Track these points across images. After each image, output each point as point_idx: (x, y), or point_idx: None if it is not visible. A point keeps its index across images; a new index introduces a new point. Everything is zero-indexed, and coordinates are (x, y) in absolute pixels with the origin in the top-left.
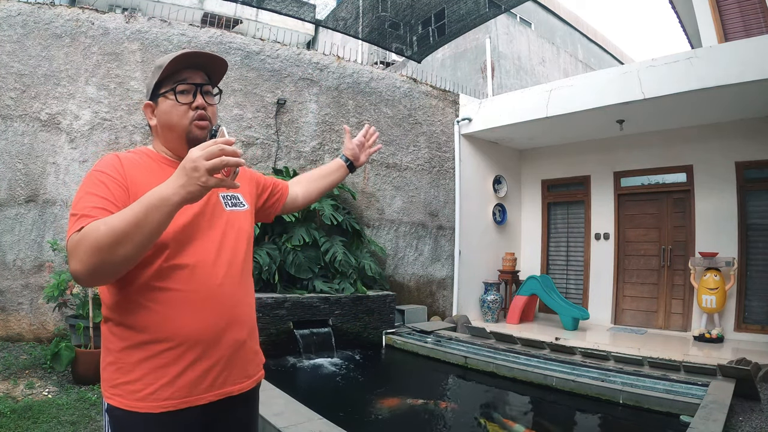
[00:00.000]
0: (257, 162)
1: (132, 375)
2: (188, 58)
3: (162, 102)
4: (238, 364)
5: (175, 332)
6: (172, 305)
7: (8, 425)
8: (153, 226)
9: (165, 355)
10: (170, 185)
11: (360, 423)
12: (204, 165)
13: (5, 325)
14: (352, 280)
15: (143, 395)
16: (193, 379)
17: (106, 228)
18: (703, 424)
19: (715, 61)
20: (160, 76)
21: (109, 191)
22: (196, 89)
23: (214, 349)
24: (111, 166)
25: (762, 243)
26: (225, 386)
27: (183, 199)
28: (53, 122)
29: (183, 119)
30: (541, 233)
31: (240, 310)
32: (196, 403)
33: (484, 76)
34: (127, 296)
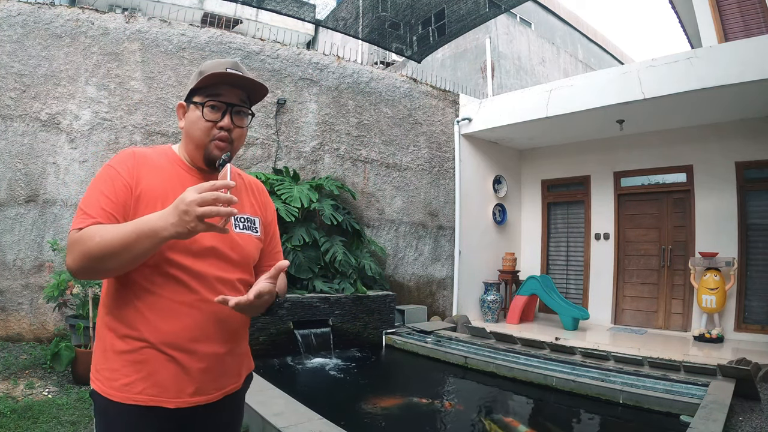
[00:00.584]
0: (257, 162)
1: (111, 363)
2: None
3: (192, 110)
4: (211, 376)
5: (153, 334)
6: (158, 310)
7: (8, 425)
8: (140, 251)
9: (142, 352)
10: (162, 220)
11: (360, 423)
12: (195, 211)
13: (5, 325)
14: (352, 280)
15: (118, 385)
16: (165, 380)
17: (99, 240)
18: (703, 424)
19: (715, 61)
20: (199, 83)
21: (114, 191)
22: (227, 109)
23: (189, 357)
24: (123, 164)
25: (762, 243)
26: (196, 395)
27: (171, 235)
28: (53, 122)
29: (205, 135)
30: (541, 233)
31: (225, 328)
32: (166, 405)
33: (484, 76)
34: (120, 290)
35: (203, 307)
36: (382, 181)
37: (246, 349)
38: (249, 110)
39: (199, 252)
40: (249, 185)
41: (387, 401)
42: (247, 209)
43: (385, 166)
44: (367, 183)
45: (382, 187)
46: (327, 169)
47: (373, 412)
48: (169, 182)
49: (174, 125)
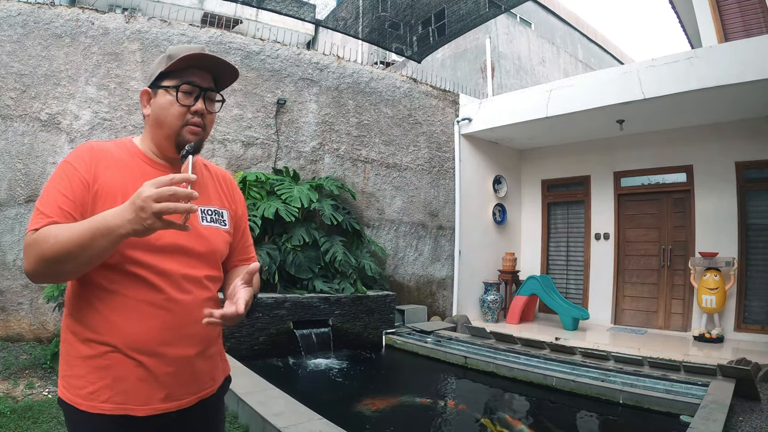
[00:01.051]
0: (257, 162)
1: (76, 370)
2: (201, 58)
3: (161, 95)
4: (181, 381)
5: (114, 336)
6: (122, 311)
7: (8, 425)
8: (97, 250)
9: (107, 357)
10: (119, 216)
11: (360, 423)
12: (152, 208)
13: (5, 325)
14: (352, 280)
15: (84, 393)
16: (132, 387)
17: (54, 242)
18: (703, 424)
19: (715, 61)
20: (168, 67)
21: (71, 188)
22: (200, 93)
23: (157, 361)
24: (80, 159)
25: (762, 243)
26: (166, 401)
27: (128, 233)
28: (53, 122)
29: (177, 120)
30: (541, 233)
31: (193, 329)
32: (135, 413)
33: (484, 76)
34: (81, 292)
35: (171, 307)
36: (382, 181)
37: (220, 351)
38: (220, 95)
39: (164, 248)
40: (217, 177)
41: (387, 401)
42: (214, 201)
43: (385, 166)
44: (367, 183)
45: (382, 187)
46: (327, 169)
47: (374, 412)
48: (130, 176)
49: None
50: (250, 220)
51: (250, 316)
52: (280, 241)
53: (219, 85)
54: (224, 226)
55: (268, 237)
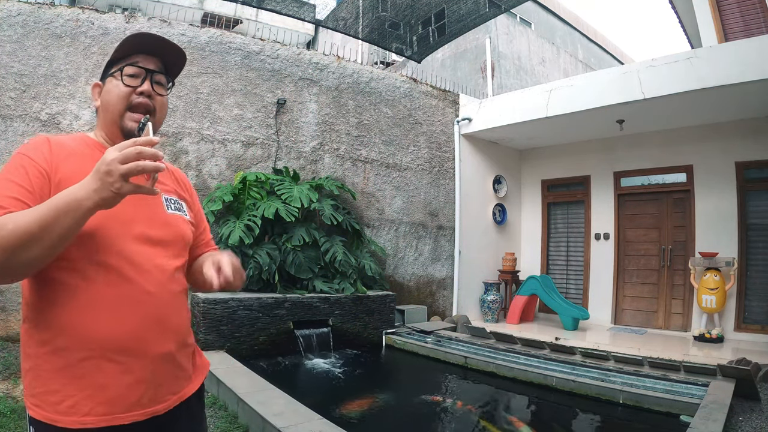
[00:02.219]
0: (257, 162)
1: (51, 384)
2: (145, 40)
3: (109, 82)
4: (165, 379)
5: (89, 337)
6: (90, 307)
7: (8, 425)
8: (62, 230)
9: (84, 364)
10: (84, 188)
11: (360, 423)
12: (118, 169)
13: (5, 325)
14: (352, 280)
15: (63, 408)
16: (116, 394)
17: (12, 227)
18: (703, 424)
19: (715, 61)
20: (113, 55)
21: (28, 179)
22: (146, 75)
23: (138, 361)
24: (37, 150)
25: (762, 243)
26: (152, 405)
27: (96, 204)
28: (53, 122)
29: (121, 102)
30: (541, 233)
31: (172, 322)
32: (121, 422)
33: (484, 76)
34: (43, 293)
35: (147, 300)
36: (382, 181)
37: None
38: (169, 78)
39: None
40: (172, 172)
41: (387, 401)
42: (172, 192)
43: (385, 166)
44: (367, 183)
45: (382, 187)
46: (327, 169)
47: (374, 412)
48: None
49: (174, 124)
50: (250, 220)
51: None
52: (280, 241)
53: (169, 72)
54: (186, 215)
55: (268, 237)
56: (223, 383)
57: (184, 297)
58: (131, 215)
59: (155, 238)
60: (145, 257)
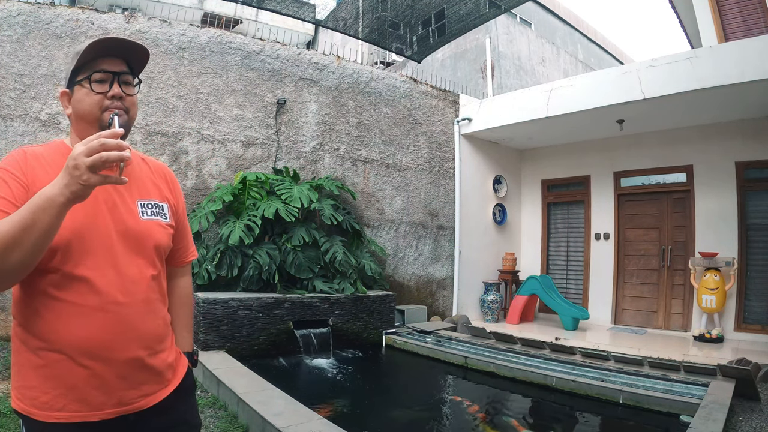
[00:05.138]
0: (257, 162)
1: (29, 380)
2: (107, 45)
3: (77, 90)
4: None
5: (63, 343)
6: (65, 317)
7: (8, 425)
8: (42, 229)
9: (57, 365)
10: (56, 185)
11: (360, 422)
12: (84, 162)
13: (5, 325)
14: (352, 280)
15: (39, 403)
16: (85, 394)
17: None
18: (703, 424)
19: (715, 61)
20: (77, 63)
21: (9, 190)
22: (113, 78)
23: (106, 366)
24: (14, 163)
25: (762, 243)
26: (121, 405)
27: (68, 199)
28: (53, 122)
29: (96, 108)
30: (541, 233)
31: (139, 329)
32: (91, 419)
33: (484, 76)
34: (27, 300)
35: (113, 309)
36: (382, 181)
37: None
38: (136, 77)
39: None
40: (157, 171)
41: (387, 401)
42: (153, 195)
43: (385, 166)
44: (367, 183)
45: (382, 187)
46: (327, 169)
47: (373, 412)
48: None
49: (174, 124)
50: (250, 220)
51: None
52: (280, 241)
53: (133, 69)
54: (165, 219)
55: (268, 237)
56: (223, 383)
57: (159, 303)
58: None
59: (128, 248)
60: (117, 268)
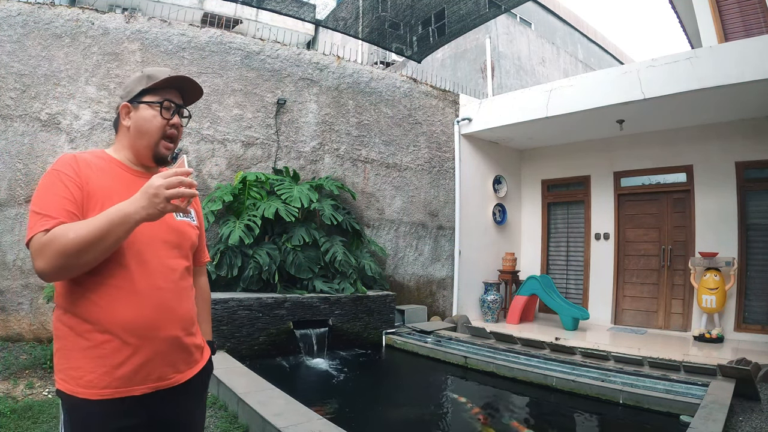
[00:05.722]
0: (257, 162)
1: (75, 362)
2: (179, 80)
3: (144, 109)
4: (171, 359)
5: (112, 324)
6: (116, 300)
7: (8, 425)
8: (114, 239)
9: (105, 346)
10: (133, 205)
11: (360, 422)
12: (164, 193)
13: (5, 325)
14: (352, 280)
15: (84, 382)
16: (129, 371)
17: (74, 236)
18: (703, 424)
19: (715, 61)
20: (150, 85)
21: (69, 192)
22: (176, 109)
23: (149, 344)
24: (69, 167)
25: (762, 243)
26: (159, 381)
27: (142, 218)
28: (53, 122)
29: (159, 132)
30: (541, 233)
31: (177, 311)
32: (133, 394)
33: (484, 76)
34: (76, 287)
35: (158, 294)
36: (382, 181)
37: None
38: (188, 111)
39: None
40: None
41: (387, 401)
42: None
43: (385, 166)
44: (367, 183)
45: (382, 187)
46: (327, 169)
47: (373, 412)
48: (111, 183)
49: None
50: (250, 220)
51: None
52: (280, 241)
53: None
54: (193, 221)
55: (268, 237)
56: (223, 383)
57: (191, 292)
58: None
59: (167, 242)
60: (158, 258)
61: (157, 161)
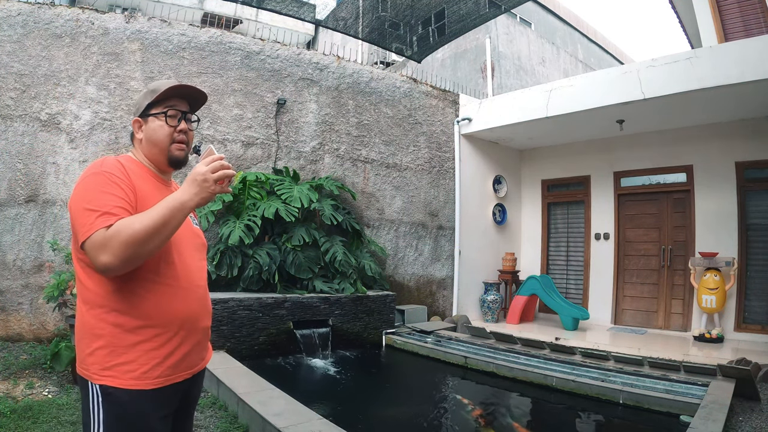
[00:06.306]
0: (257, 162)
1: (126, 357)
2: (180, 89)
3: (152, 121)
4: (203, 346)
5: (165, 318)
6: (165, 296)
7: (8, 425)
8: (175, 225)
9: (155, 339)
10: (185, 193)
11: (360, 422)
12: (212, 177)
13: (5, 325)
14: (352, 280)
15: (138, 374)
16: (177, 360)
17: (140, 225)
18: (703, 424)
19: (715, 61)
20: (154, 99)
21: (124, 192)
22: (181, 115)
23: (192, 334)
24: (118, 170)
25: (762, 243)
26: (193, 366)
27: (196, 204)
28: (53, 122)
29: (168, 138)
30: (541, 233)
31: (208, 306)
32: (177, 380)
33: (484, 76)
34: (125, 286)
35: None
36: (382, 181)
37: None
38: (195, 116)
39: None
40: None
41: (387, 401)
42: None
43: (385, 166)
44: (367, 183)
45: (382, 187)
46: (327, 169)
47: (373, 412)
48: (148, 187)
49: None
50: (250, 220)
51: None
52: (280, 241)
53: (192, 108)
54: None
55: (268, 237)
56: (223, 383)
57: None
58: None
59: (193, 245)
60: (193, 259)
61: (172, 165)
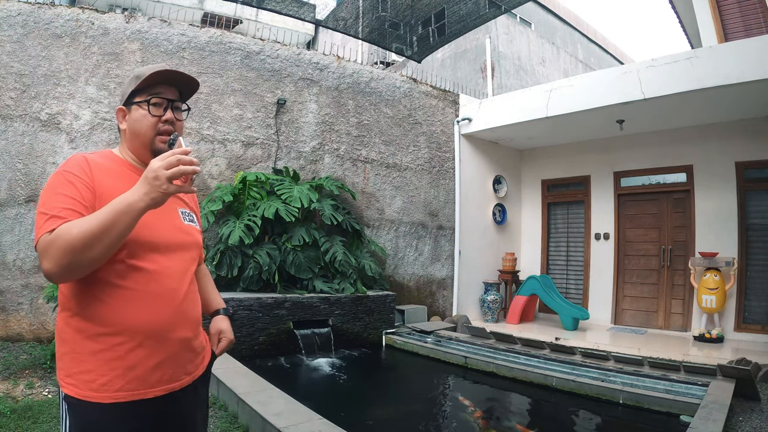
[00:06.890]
0: (257, 162)
1: (85, 365)
2: (165, 74)
3: (135, 110)
4: (181, 361)
5: (127, 326)
6: (128, 302)
7: (8, 425)
8: (120, 229)
9: (117, 348)
10: (135, 193)
11: (359, 422)
12: (164, 174)
13: (5, 325)
14: (352, 280)
15: (96, 385)
16: (143, 373)
17: (78, 231)
18: (703, 424)
19: (715, 61)
20: (138, 86)
21: (78, 192)
22: (168, 104)
23: (163, 345)
24: (79, 167)
25: (762, 243)
26: (170, 382)
27: (147, 205)
28: (53, 122)
29: (151, 130)
30: (541, 233)
31: (189, 314)
32: (146, 396)
33: (484, 76)
34: (86, 290)
35: (172, 296)
36: (382, 181)
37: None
38: (186, 105)
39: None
40: None
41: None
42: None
43: (385, 166)
44: (367, 183)
45: (382, 187)
46: (327, 169)
47: (373, 412)
48: (120, 183)
49: None
50: (250, 220)
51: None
52: (280, 241)
53: (183, 97)
54: (197, 225)
55: (268, 237)
56: (223, 383)
57: (197, 293)
58: (159, 226)
59: (177, 244)
60: (170, 260)
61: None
